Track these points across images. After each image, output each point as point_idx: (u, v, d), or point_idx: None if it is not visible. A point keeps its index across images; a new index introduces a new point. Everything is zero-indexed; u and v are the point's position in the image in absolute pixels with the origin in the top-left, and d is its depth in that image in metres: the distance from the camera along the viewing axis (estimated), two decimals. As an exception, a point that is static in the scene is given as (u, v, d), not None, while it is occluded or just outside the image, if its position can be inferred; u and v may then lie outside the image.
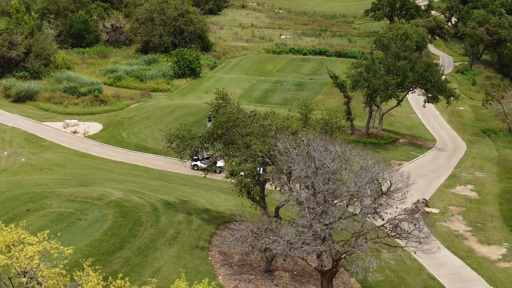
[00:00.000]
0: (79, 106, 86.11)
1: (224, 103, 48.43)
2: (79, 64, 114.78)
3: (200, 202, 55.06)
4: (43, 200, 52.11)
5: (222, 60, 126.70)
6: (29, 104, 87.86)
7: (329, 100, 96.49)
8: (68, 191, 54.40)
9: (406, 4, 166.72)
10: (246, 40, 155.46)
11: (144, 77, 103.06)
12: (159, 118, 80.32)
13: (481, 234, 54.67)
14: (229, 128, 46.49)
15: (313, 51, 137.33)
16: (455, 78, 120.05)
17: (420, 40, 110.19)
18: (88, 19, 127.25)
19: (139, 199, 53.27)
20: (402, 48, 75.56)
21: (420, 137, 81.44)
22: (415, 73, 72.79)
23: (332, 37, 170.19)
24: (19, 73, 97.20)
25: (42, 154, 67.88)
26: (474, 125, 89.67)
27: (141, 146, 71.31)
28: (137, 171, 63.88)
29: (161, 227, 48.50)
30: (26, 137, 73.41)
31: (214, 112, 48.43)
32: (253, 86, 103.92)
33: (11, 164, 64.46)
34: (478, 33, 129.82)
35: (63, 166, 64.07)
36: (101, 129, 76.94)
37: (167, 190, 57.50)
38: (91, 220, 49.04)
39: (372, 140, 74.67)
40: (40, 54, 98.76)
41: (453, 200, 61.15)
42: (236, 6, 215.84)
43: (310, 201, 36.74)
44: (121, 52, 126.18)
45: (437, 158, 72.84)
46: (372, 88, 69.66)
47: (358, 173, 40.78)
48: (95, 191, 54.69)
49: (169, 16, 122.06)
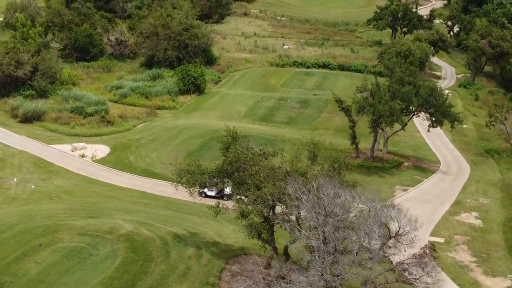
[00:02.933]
0: (86, 127, 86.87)
1: (234, 141, 49.07)
2: (85, 79, 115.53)
3: (208, 234, 55.83)
4: (55, 234, 52.90)
5: (226, 74, 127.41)
6: (36, 125, 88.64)
7: (333, 118, 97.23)
8: (79, 224, 55.18)
9: (408, 14, 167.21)
10: (249, 50, 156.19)
11: (149, 94, 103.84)
12: (165, 140, 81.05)
13: (486, 265, 55.44)
14: (239, 168, 47.19)
15: (316, 64, 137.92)
16: (458, 92, 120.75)
17: (424, 56, 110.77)
18: (92, 32, 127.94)
19: (149, 232, 54.05)
20: (407, 73, 76.31)
21: (424, 158, 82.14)
22: (419, 98, 73.55)
23: (335, 47, 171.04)
24: (26, 92, 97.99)
25: (51, 180, 68.67)
26: (477, 144, 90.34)
27: (148, 171, 72.07)
28: (145, 199, 64.62)
29: (172, 263, 49.29)
30: (34, 161, 74.19)
31: (225, 150, 49.16)
32: (257, 103, 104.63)
33: (21, 191, 65.22)
34: (480, 45, 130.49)
35: (73, 194, 64.84)
36: (109, 152, 77.70)
37: (176, 221, 58.24)
38: (102, 256, 49.84)
39: (377, 164, 75.40)
40: (46, 73, 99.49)
41: (458, 228, 61.91)
42: (239, 14, 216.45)
43: (320, 249, 37.49)
44: (125, 66, 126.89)
45: (442, 182, 73.58)
46: (378, 114, 70.42)
47: (366, 217, 41.62)
48: (105, 223, 55.45)
49: (174, 31, 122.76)
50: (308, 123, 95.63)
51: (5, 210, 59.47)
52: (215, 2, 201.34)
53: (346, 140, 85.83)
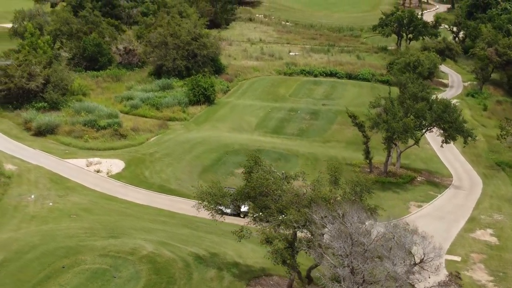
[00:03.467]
0: (99, 140, 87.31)
1: (256, 166, 49.55)
2: (94, 89, 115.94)
3: (229, 254, 56.33)
4: (77, 255, 53.43)
5: (235, 83, 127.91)
6: (49, 138, 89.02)
7: (344, 130, 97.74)
8: (100, 244, 55.69)
9: (414, 20, 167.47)
10: (256, 58, 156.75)
11: (160, 105, 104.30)
12: (179, 155, 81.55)
13: (503, 285, 55.99)
14: (262, 192, 47.70)
15: (324, 73, 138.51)
16: (466, 101, 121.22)
17: (432, 66, 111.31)
18: (101, 41, 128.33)
19: (170, 253, 54.57)
20: (420, 88, 76.85)
21: (436, 172, 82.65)
22: (433, 114, 74.08)
23: (341, 53, 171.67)
24: (38, 104, 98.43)
25: (69, 197, 69.17)
26: (488, 157, 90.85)
27: (164, 187, 72.55)
28: (163, 217, 65.13)
29: (194, 285, 49.81)
30: (50, 177, 74.65)
31: (247, 174, 49.64)
32: (268, 114, 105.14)
33: (39, 209, 65.72)
34: (487, 54, 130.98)
35: (91, 212, 65.35)
36: (124, 167, 78.16)
37: (195, 241, 58.74)
38: (125, 278, 50.36)
39: (391, 179, 75.94)
40: (58, 85, 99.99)
41: (474, 246, 62.44)
42: (244, 19, 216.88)
43: (348, 279, 38.01)
44: (134, 75, 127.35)
45: (455, 197, 74.12)
46: (392, 131, 70.95)
47: (391, 243, 42.14)
48: (126, 243, 55.97)
49: (183, 40, 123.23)
50: (319, 135, 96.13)
51: (25, 230, 59.99)
52: (220, 8, 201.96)
53: (358, 153, 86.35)
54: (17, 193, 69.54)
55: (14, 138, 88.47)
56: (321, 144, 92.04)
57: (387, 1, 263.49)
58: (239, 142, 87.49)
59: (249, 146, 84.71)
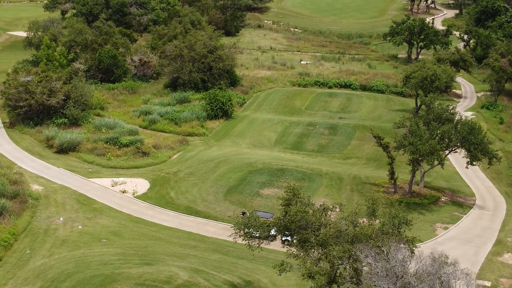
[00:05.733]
0: (122, 158, 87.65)
1: (295, 198, 49.89)
2: (111, 102, 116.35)
3: (262, 281, 56.69)
4: (113, 284, 53.87)
5: (250, 95, 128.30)
6: (72, 156, 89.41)
7: (363, 146, 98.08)
8: (135, 272, 56.07)
9: (425, 29, 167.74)
10: (268, 67, 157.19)
11: (179, 120, 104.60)
12: (203, 174, 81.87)
13: (535, 311, 56.33)
14: (301, 226, 48.04)
15: (338, 84, 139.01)
16: (481, 114, 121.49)
17: (449, 80, 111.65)
18: (116, 53, 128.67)
19: (205, 281, 54.96)
20: (445, 109, 77.21)
21: (459, 191, 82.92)
22: (458, 135, 74.43)
23: (352, 61, 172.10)
24: (59, 120, 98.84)
25: (97, 219, 69.52)
26: (508, 174, 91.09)
27: (191, 209, 72.85)
28: (193, 241, 65.42)
29: (232, 315, 50.28)
30: (77, 198, 75.02)
31: (286, 206, 49.96)
32: (286, 129, 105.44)
33: (69, 232, 66.06)
34: (501, 64, 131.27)
35: (121, 236, 65.68)
36: (149, 187, 78.51)
37: (228, 267, 59.09)
38: (163, 308, 50.82)
39: (415, 200, 76.24)
40: (78, 100, 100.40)
41: (503, 270, 62.70)
42: (253, 26, 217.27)
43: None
44: (149, 87, 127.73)
45: (480, 219, 74.35)
46: (418, 153, 71.31)
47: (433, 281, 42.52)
48: (161, 271, 56.34)
49: (199, 53, 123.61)
50: (338, 151, 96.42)
51: (58, 255, 60.31)
52: (230, 15, 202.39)
53: (380, 170, 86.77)
54: (46, 215, 69.94)
55: (37, 156, 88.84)
56: (342, 161, 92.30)
57: (394, 7, 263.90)
58: (262, 160, 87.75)
59: (272, 165, 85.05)
